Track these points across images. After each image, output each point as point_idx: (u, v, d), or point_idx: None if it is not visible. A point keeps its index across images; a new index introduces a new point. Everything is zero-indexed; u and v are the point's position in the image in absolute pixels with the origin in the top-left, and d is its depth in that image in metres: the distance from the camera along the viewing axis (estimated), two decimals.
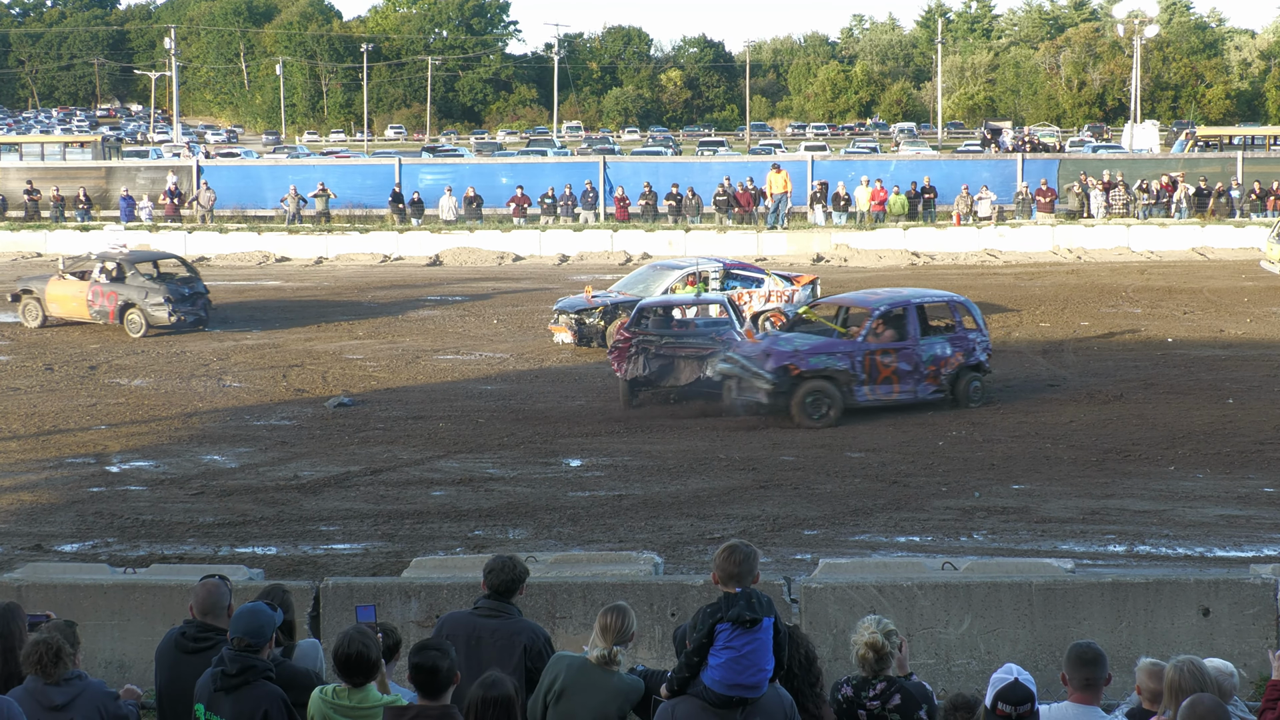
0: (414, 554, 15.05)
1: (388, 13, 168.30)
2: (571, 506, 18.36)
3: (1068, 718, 7.11)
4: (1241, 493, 18.53)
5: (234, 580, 10.38)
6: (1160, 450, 20.83)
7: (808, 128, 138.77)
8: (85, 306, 33.05)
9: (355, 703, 7.22)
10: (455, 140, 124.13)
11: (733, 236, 49.82)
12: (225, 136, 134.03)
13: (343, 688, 7.25)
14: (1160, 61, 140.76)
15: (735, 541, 7.17)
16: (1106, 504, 18.06)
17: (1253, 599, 11.73)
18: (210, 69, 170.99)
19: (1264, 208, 51.70)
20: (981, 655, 11.35)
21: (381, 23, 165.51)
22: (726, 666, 6.85)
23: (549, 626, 10.34)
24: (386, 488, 19.45)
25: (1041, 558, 14.51)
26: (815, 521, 17.55)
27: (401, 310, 36.92)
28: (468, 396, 25.79)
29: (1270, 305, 35.34)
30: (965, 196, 52.44)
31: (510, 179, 56.90)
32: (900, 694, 7.69)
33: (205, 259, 49.48)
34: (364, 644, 7.24)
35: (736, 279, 31.35)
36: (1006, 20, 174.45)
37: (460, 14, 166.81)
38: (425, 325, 34.29)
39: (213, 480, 20.00)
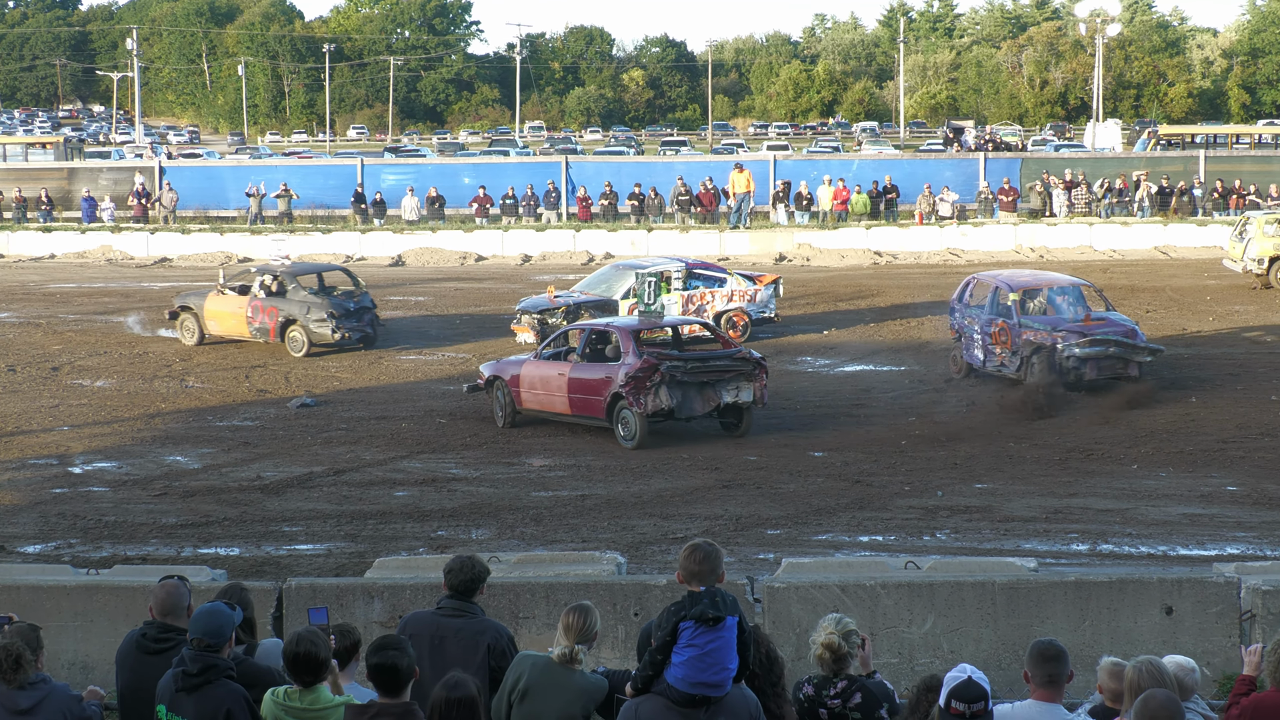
0: (377, 554, 15.01)
1: (350, 13, 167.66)
2: (534, 506, 18.36)
3: (1031, 715, 7.13)
4: (1204, 491, 18.62)
5: (197, 581, 10.34)
6: (1123, 449, 20.93)
7: (770, 127, 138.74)
8: (244, 323, 30.70)
9: (306, 704, 7.20)
10: (417, 140, 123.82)
11: (695, 236, 49.82)
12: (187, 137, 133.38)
13: (294, 689, 7.24)
14: (1122, 60, 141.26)
15: (699, 540, 7.18)
16: (1070, 503, 18.14)
17: (1216, 597, 11.78)
18: (172, 69, 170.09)
19: (1226, 206, 51.92)
20: (945, 654, 11.37)
21: (343, 23, 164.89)
22: (689, 664, 6.85)
23: (512, 626, 10.32)
24: (349, 488, 19.41)
25: (1005, 557, 14.56)
26: (778, 521, 17.58)
27: None
28: (431, 397, 25.75)
29: (1233, 304, 35.53)
30: (928, 196, 52.53)
31: (473, 179, 56.77)
32: (861, 693, 7.71)
33: (168, 260, 49.35)
34: (311, 644, 7.22)
35: (699, 279, 31.37)
36: (969, 19, 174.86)
37: (422, 14, 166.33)
38: (388, 326, 34.12)
39: (176, 481, 19.93)
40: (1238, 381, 25.79)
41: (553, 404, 22.77)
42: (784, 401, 24.63)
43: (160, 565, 14.46)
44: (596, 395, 21.94)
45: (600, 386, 21.91)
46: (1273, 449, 20.76)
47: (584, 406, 22.27)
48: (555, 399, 22.67)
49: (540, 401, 22.86)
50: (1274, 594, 11.62)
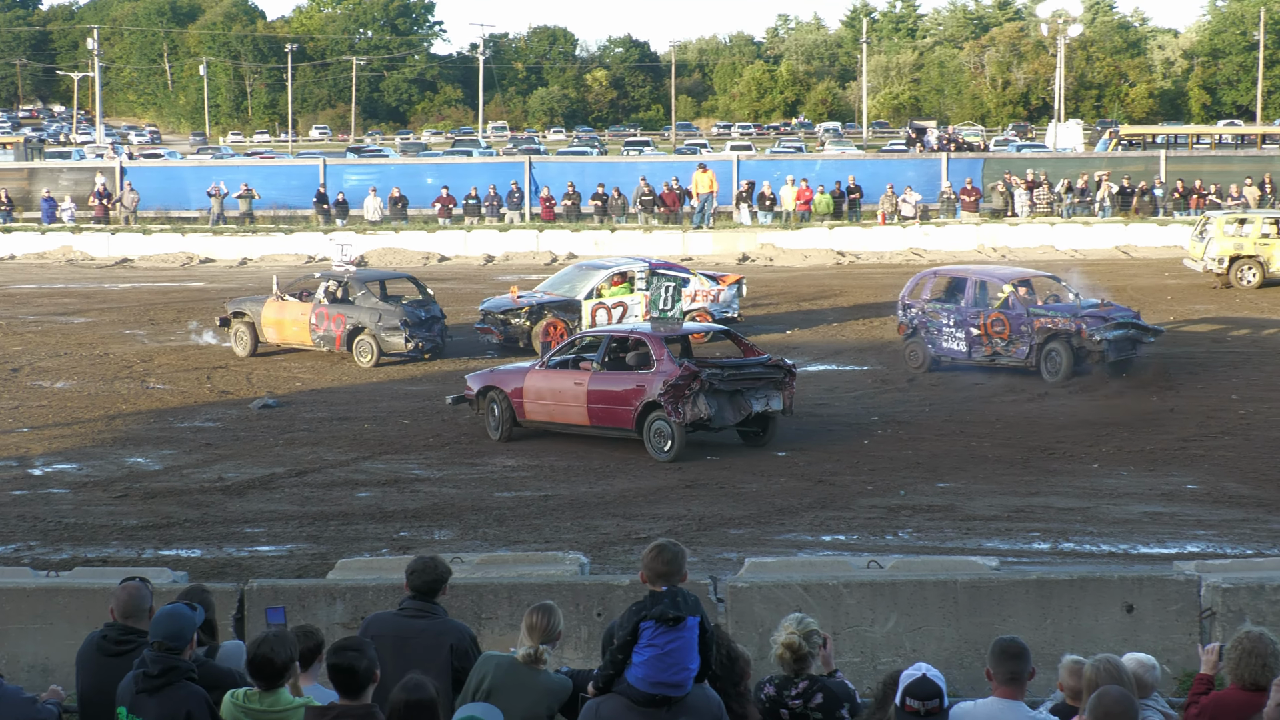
0: (339, 555, 14.97)
1: (312, 13, 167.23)
2: (497, 507, 18.33)
3: (992, 713, 7.14)
4: (1165, 490, 18.72)
5: (158, 583, 10.29)
6: (1084, 448, 21.01)
7: (733, 127, 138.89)
8: (307, 331, 29.39)
9: (266, 706, 7.18)
10: (380, 140, 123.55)
11: (659, 236, 49.87)
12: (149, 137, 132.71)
13: (254, 691, 7.21)
14: (1084, 61, 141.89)
15: (663, 540, 7.17)
16: (1031, 501, 18.20)
17: (1176, 595, 11.84)
18: (133, 69, 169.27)
19: (1187, 206, 52.25)
20: (907, 653, 11.38)
21: (306, 23, 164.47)
22: (650, 664, 6.85)
23: (475, 627, 10.30)
24: (311, 489, 19.35)
25: (967, 555, 14.59)
26: (741, 521, 17.59)
27: None
28: (393, 397, 25.69)
29: (1193, 303, 35.73)
30: (890, 196, 52.70)
31: (435, 179, 56.67)
32: (823, 693, 7.72)
33: (129, 260, 49.18)
34: (271, 647, 7.19)
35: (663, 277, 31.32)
36: (931, 20, 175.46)
37: (385, 14, 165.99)
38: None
39: (136, 483, 19.83)
40: (1198, 380, 25.93)
41: (567, 415, 21.70)
42: None
43: (121, 567, 14.37)
44: (625, 405, 20.94)
45: (630, 396, 20.90)
46: (1233, 448, 20.88)
47: (608, 417, 21.25)
48: (570, 410, 21.60)
49: (549, 413, 21.87)
50: (1234, 592, 11.68)
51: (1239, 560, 13.93)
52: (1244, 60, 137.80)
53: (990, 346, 26.46)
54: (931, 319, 27.22)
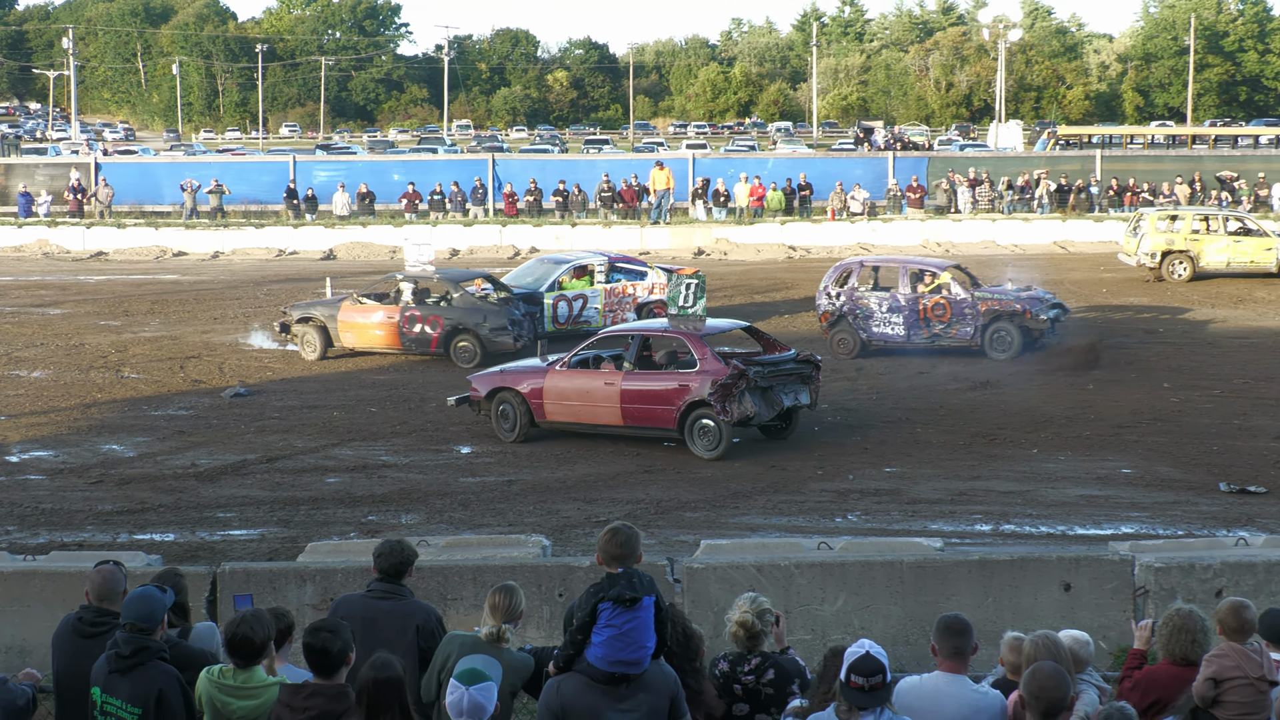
0: (309, 539, 14.91)
1: (282, 14, 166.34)
2: (462, 492, 18.29)
3: (937, 686, 7.18)
4: (1101, 474, 18.82)
5: (132, 566, 10.24)
6: (1024, 434, 21.10)
7: (689, 126, 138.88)
8: (394, 335, 27.66)
9: (240, 683, 7.15)
10: (348, 138, 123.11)
11: (618, 231, 49.83)
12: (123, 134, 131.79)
13: (229, 668, 7.19)
14: (1023, 64, 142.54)
15: (618, 524, 7.17)
16: (974, 485, 18.27)
17: (1111, 574, 11.92)
18: (108, 68, 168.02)
19: (1121, 203, 52.54)
20: (856, 631, 11.41)
21: (276, 24, 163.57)
22: (608, 644, 6.85)
23: (441, 608, 10.27)
24: (282, 475, 19.27)
25: (912, 537, 14.64)
26: (697, 504, 17.60)
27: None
28: (361, 386, 25.60)
29: (1127, 296, 35.93)
30: (839, 193, 52.83)
31: (402, 176, 56.58)
32: (774, 669, 7.75)
33: (104, 254, 48.87)
34: (251, 627, 7.18)
35: (621, 272, 31.33)
36: (878, 24, 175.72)
37: (353, 16, 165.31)
38: None
39: (111, 469, 19.71)
40: (1131, 370, 26.06)
41: (596, 416, 20.68)
42: None
43: (96, 551, 14.28)
44: (667, 405, 20.03)
45: (673, 396, 20.01)
46: (1165, 433, 21.00)
47: (646, 417, 20.32)
48: (600, 410, 20.58)
49: (574, 413, 20.86)
50: (1166, 571, 11.77)
51: (1171, 541, 14.00)
52: (1175, 64, 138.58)
53: (929, 329, 27.37)
54: (861, 306, 27.84)
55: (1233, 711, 7.13)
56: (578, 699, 6.90)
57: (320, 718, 6.73)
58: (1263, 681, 7.15)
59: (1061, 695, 6.36)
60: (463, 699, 6.28)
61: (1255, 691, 7.12)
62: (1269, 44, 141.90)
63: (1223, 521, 16.43)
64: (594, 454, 20.26)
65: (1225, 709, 7.14)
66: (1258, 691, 7.12)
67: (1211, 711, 7.16)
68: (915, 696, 7.12)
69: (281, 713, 6.86)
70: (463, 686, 6.30)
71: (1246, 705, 7.10)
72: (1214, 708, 7.16)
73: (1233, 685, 7.12)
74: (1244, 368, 26.10)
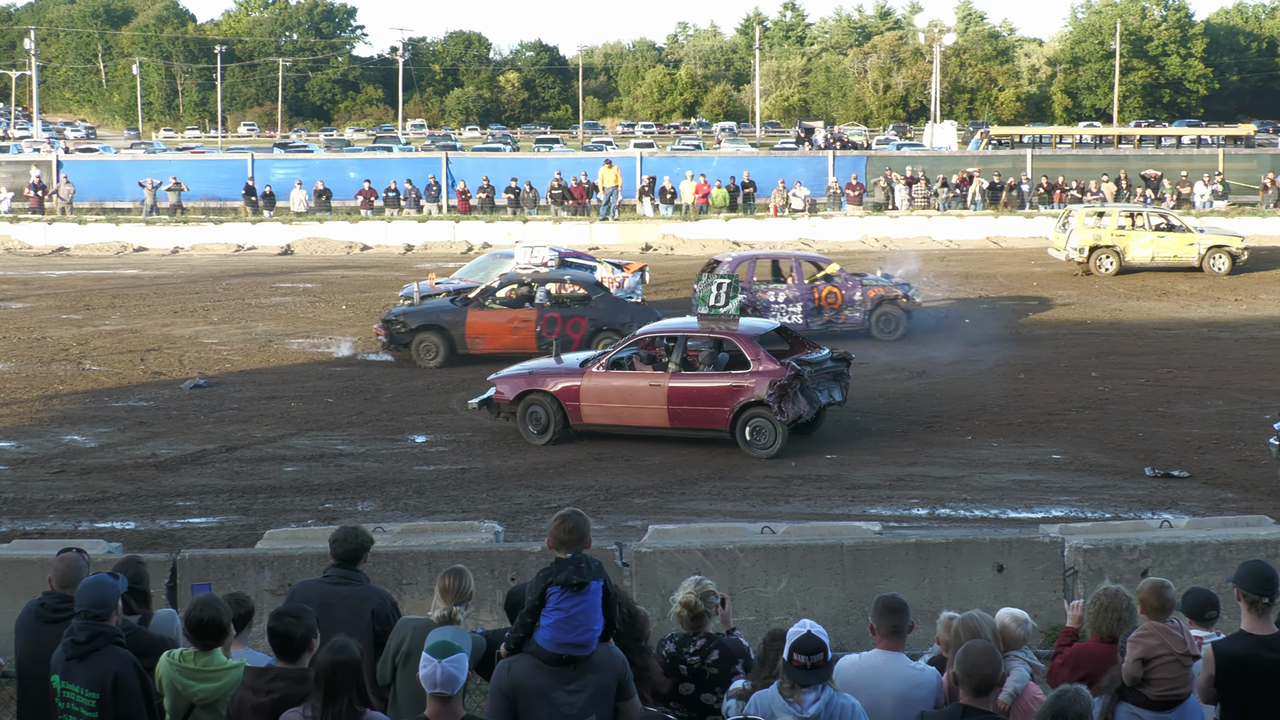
0: (267, 526, 14.84)
1: (240, 16, 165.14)
2: (417, 480, 18.23)
3: (876, 664, 7.21)
4: (1032, 459, 18.94)
5: (94, 554, 10.13)
6: (959, 421, 21.21)
7: (637, 126, 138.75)
8: (530, 336, 26.19)
9: (200, 666, 7.12)
10: (305, 137, 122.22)
11: (568, 227, 49.75)
12: (84, 133, 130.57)
13: (189, 651, 7.15)
14: (958, 67, 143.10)
15: (568, 510, 7.16)
16: (911, 471, 18.35)
17: (1042, 555, 11.99)
18: (69, 68, 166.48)
19: (1051, 200, 52.83)
20: (798, 612, 11.43)
21: (234, 25, 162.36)
22: (556, 626, 6.84)
23: (396, 593, 10.23)
24: (241, 464, 19.14)
25: (853, 521, 14.65)
26: (645, 491, 17.60)
27: (255, 297, 36.34)
28: (319, 378, 25.46)
29: (1057, 289, 36.14)
30: (781, 190, 52.99)
31: (358, 173, 56.30)
32: (719, 649, 7.77)
33: (65, 249, 48.40)
34: (215, 610, 7.16)
35: (572, 267, 31.27)
36: (819, 28, 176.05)
37: (310, 18, 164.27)
38: (278, 311, 33.77)
39: (73, 459, 19.53)
40: (1061, 359, 26.24)
41: (640, 417, 19.82)
42: None
43: (58, 539, 14.15)
44: (719, 406, 19.33)
45: (726, 396, 19.33)
46: (1093, 420, 21.16)
47: (696, 418, 19.58)
48: (645, 411, 19.74)
49: (615, 415, 19.96)
50: (1094, 552, 11.85)
51: (1098, 523, 14.10)
52: (1102, 67, 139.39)
53: (823, 316, 28.69)
54: (760, 298, 28.41)
55: (1160, 688, 7.20)
56: (527, 679, 6.88)
57: (283, 700, 6.70)
58: (1186, 657, 7.26)
59: (992, 672, 6.41)
60: (436, 671, 6.27)
61: (1180, 666, 7.22)
62: (1190, 48, 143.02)
63: (1148, 505, 16.57)
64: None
65: (1153, 686, 7.21)
66: (1182, 666, 7.23)
67: (1139, 690, 7.23)
68: (855, 673, 7.16)
69: (245, 695, 6.85)
70: (435, 659, 6.28)
71: (1173, 680, 7.20)
72: (1142, 686, 7.23)
73: (1159, 662, 7.20)
74: (1168, 357, 26.32)
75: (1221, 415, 21.37)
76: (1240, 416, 21.20)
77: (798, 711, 6.71)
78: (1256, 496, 16.93)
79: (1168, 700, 7.21)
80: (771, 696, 6.82)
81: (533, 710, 6.88)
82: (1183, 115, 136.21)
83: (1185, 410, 21.76)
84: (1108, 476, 18.03)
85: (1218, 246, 38.42)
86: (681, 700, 7.77)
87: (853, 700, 6.81)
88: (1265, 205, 52.51)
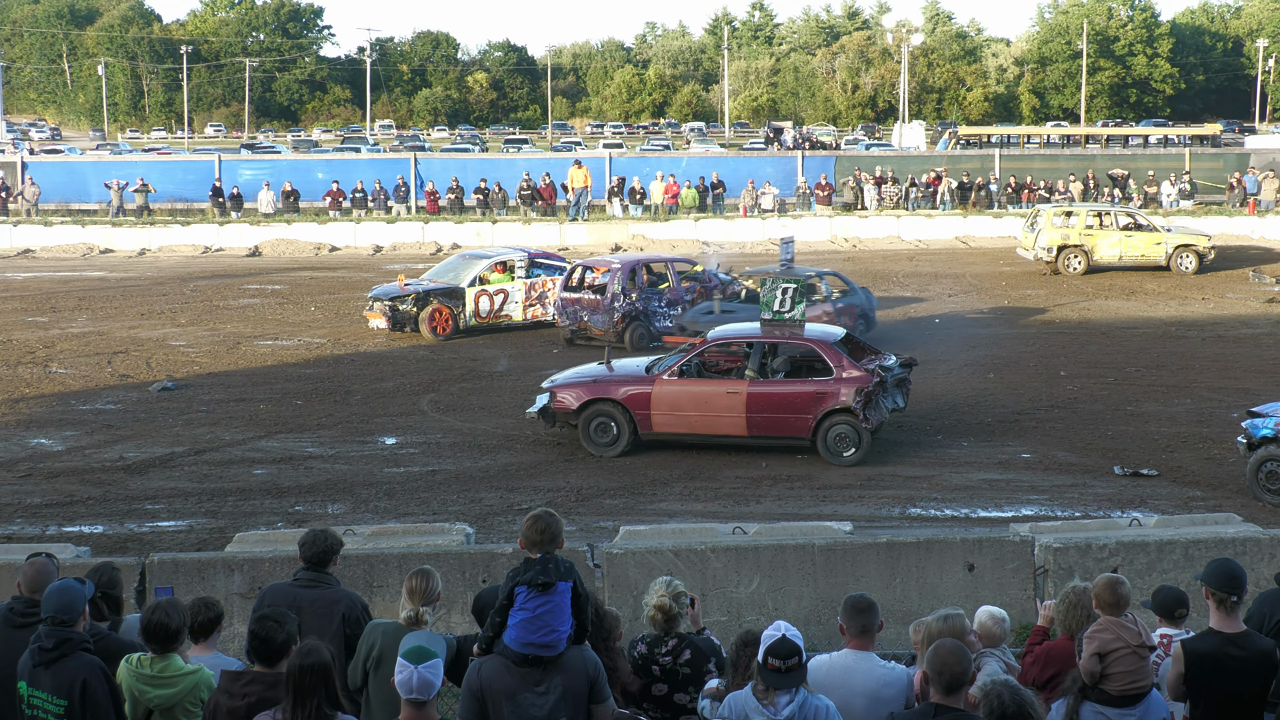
0: (237, 530, 14.79)
1: (206, 16, 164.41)
2: (387, 482, 18.19)
3: (846, 663, 7.23)
4: (1001, 458, 19.01)
5: (62, 558, 10.08)
6: (928, 421, 21.27)
7: (606, 127, 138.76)
8: None
9: (156, 671, 7.12)
10: (273, 138, 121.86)
11: (537, 228, 49.76)
12: (49, 134, 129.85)
13: (146, 656, 7.13)
14: (925, 67, 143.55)
15: (539, 510, 7.16)
16: (881, 470, 18.40)
17: (1013, 554, 12.03)
18: (34, 69, 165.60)
19: (1019, 200, 53.06)
20: (770, 612, 11.47)
21: (200, 26, 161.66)
22: (522, 626, 6.84)
23: (367, 595, 10.22)
24: (210, 467, 19.07)
25: (823, 521, 14.68)
26: (617, 492, 17.60)
27: (223, 299, 36.20)
28: (287, 380, 25.37)
29: (1025, 288, 36.29)
30: (751, 190, 53.07)
31: (326, 174, 56.17)
32: (690, 650, 7.78)
33: (31, 251, 48.12)
34: (166, 613, 7.16)
35: (541, 268, 31.28)
36: (787, 28, 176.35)
37: (276, 18, 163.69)
38: (246, 313, 33.65)
39: (40, 463, 19.42)
40: (1030, 358, 26.34)
41: (716, 426, 19.22)
42: None
43: (26, 544, 14.10)
44: (802, 413, 18.90)
45: (810, 403, 18.89)
46: (1062, 420, 21.25)
47: (776, 426, 19.06)
48: (721, 420, 19.15)
49: (689, 424, 19.36)
50: (1064, 550, 11.90)
51: (1068, 522, 14.16)
52: (1069, 67, 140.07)
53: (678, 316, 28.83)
54: (648, 303, 28.57)
55: (1120, 682, 7.27)
56: (495, 680, 6.88)
57: (258, 704, 6.71)
58: (1143, 648, 7.32)
59: (963, 670, 6.43)
60: (412, 677, 6.29)
61: (1137, 658, 7.29)
62: (1157, 48, 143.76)
63: (1117, 503, 16.66)
64: (515, 444, 20.21)
65: (1113, 681, 7.28)
66: (1139, 658, 7.30)
67: (1100, 687, 7.28)
68: (825, 674, 7.17)
69: (220, 699, 6.86)
70: (411, 665, 6.30)
71: (1132, 672, 7.27)
72: (1102, 682, 7.28)
73: (1117, 656, 7.27)
74: (1136, 356, 26.45)
75: (1189, 414, 21.50)
76: (1208, 415, 21.33)
77: (771, 714, 6.72)
78: (1224, 494, 17.05)
79: (1129, 695, 7.27)
80: (745, 699, 6.83)
81: (501, 712, 6.87)
82: (1149, 115, 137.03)
83: (1153, 409, 21.88)
84: (1077, 475, 18.12)
85: (1185, 246, 38.66)
86: (654, 701, 7.78)
87: (827, 701, 6.83)
88: (1231, 204, 52.83)
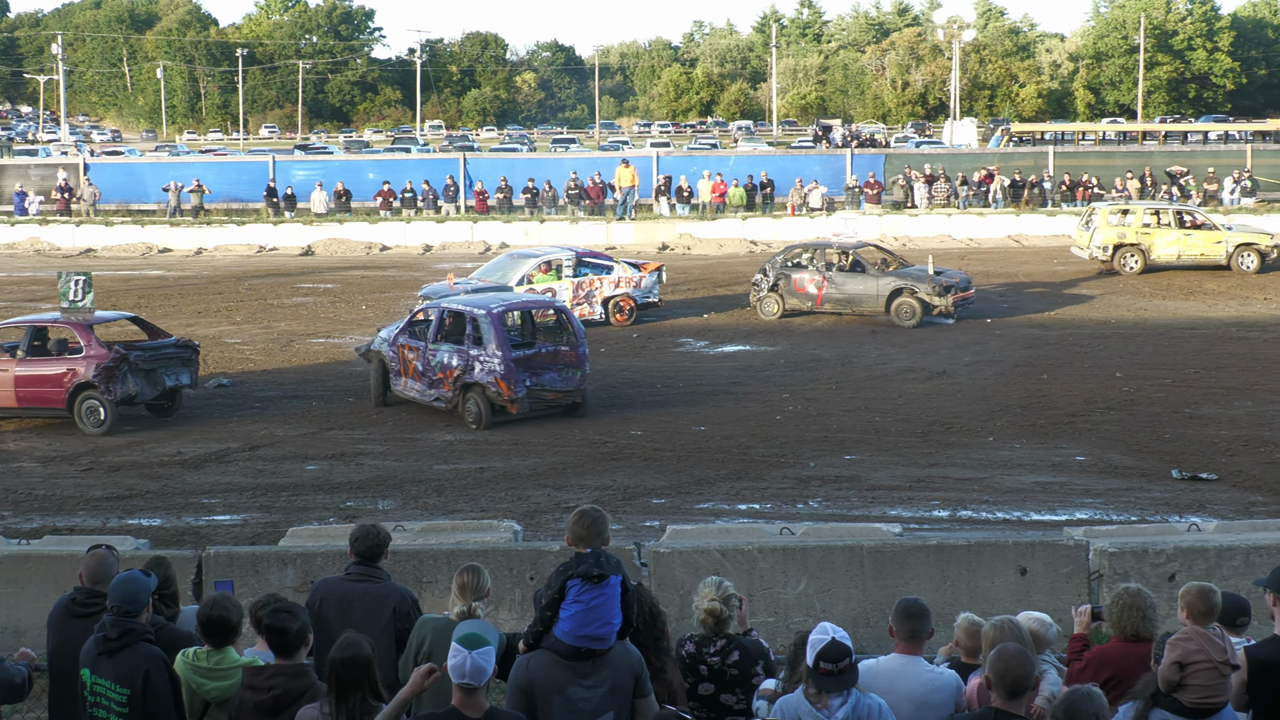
0: (290, 524, 14.90)
1: (261, 20, 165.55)
2: (436, 479, 18.25)
3: (894, 667, 7.17)
4: (1055, 461, 18.85)
5: (121, 550, 10.19)
6: (980, 422, 21.13)
7: (653, 125, 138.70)
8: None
9: (213, 664, 7.17)
10: (325, 139, 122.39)
11: (584, 227, 49.79)
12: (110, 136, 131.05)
13: (203, 650, 7.19)
14: (977, 63, 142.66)
15: (586, 506, 7.17)
16: (931, 472, 18.29)
17: (1066, 559, 11.91)
18: (95, 73, 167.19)
19: (1074, 198, 52.63)
20: (817, 613, 11.41)
21: (255, 29, 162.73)
22: (575, 619, 6.85)
23: (417, 590, 10.25)
24: (264, 462, 19.21)
25: (872, 523, 14.64)
26: (663, 491, 17.59)
27: (276, 297, 36.41)
28: (339, 377, 25.50)
29: (1079, 288, 36.02)
30: (799, 189, 52.92)
31: (377, 174, 56.47)
32: (739, 651, 7.74)
33: (93, 250, 48.69)
34: (225, 608, 7.22)
35: (589, 266, 31.32)
36: (836, 25, 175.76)
37: (329, 20, 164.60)
38: (299, 311, 33.85)
39: (101, 457, 19.69)
40: (1084, 359, 26.13)
41: None
42: (667, 380, 24.69)
43: (87, 535, 14.27)
44: (56, 387, 21.69)
45: (62, 379, 21.65)
46: (1117, 422, 21.05)
47: (38, 399, 21.84)
48: None
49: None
50: (1119, 555, 11.78)
51: (1123, 526, 14.05)
52: (1125, 62, 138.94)
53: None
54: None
55: (1196, 695, 7.04)
56: (544, 674, 6.90)
57: (283, 696, 6.78)
58: (1225, 665, 7.07)
59: (1026, 674, 6.35)
60: (465, 662, 6.31)
61: (1218, 675, 7.03)
62: (1217, 42, 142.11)
63: (1174, 507, 16.48)
64: (561, 443, 20.23)
65: (1189, 692, 7.06)
66: (1220, 675, 7.03)
67: (1174, 695, 7.11)
68: (872, 678, 7.11)
69: (245, 694, 6.93)
70: (465, 650, 6.32)
71: (1209, 688, 6.99)
72: (1177, 691, 7.10)
73: (1196, 668, 7.03)
74: (1194, 357, 26.18)
75: (1250, 416, 21.24)
76: (1269, 418, 21.07)
77: (825, 717, 6.68)
78: None
79: (1203, 708, 7.03)
80: (798, 703, 6.79)
81: (549, 706, 6.89)
82: (1209, 110, 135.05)
83: (1213, 411, 21.64)
84: (1133, 479, 17.95)
85: (1246, 244, 38.15)
86: (700, 700, 7.76)
87: (879, 700, 6.78)
88: None
